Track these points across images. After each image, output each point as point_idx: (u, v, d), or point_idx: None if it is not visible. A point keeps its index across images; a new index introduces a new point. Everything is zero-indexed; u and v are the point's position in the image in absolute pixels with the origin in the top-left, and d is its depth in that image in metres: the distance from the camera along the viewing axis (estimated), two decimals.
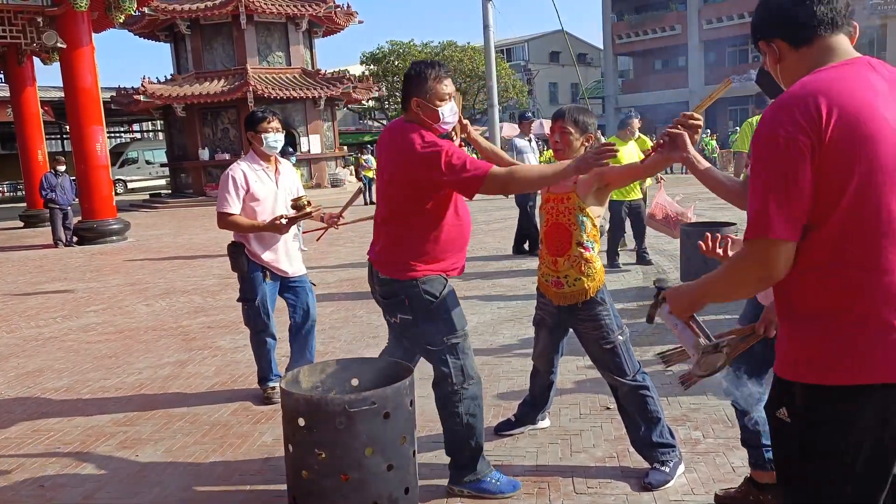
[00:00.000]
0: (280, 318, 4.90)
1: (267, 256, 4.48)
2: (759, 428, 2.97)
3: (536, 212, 3.86)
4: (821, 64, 1.71)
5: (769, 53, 1.82)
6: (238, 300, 4.66)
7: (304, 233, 4.43)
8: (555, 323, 3.59)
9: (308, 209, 4.31)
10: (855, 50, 1.75)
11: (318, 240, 4.42)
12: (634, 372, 3.39)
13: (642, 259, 8.93)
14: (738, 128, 31.68)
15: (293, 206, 4.32)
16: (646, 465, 3.42)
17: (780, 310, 1.78)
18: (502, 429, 3.94)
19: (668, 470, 3.32)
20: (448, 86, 3.07)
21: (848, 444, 1.64)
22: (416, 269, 3.12)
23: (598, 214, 3.38)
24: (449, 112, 3.08)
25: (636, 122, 8.99)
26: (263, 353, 4.67)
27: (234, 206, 4.37)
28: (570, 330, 3.62)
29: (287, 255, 4.55)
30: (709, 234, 2.47)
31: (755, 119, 7.34)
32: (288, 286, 4.61)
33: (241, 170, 4.42)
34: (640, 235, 8.95)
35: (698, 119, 2.51)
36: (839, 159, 1.57)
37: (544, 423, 4.02)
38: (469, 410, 3.21)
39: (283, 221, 4.31)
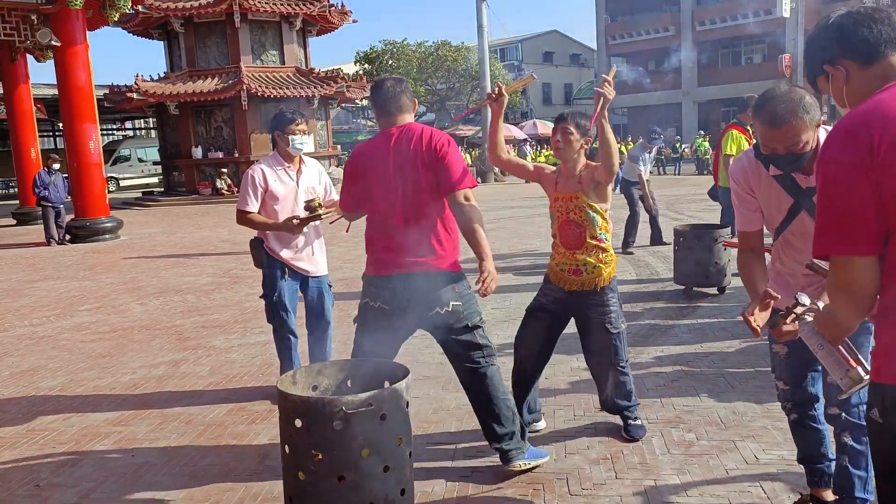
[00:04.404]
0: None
1: (285, 254, 4.51)
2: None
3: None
4: (885, 81, 1.80)
5: (835, 76, 1.89)
6: (261, 296, 4.70)
7: (331, 223, 4.46)
8: (560, 309, 3.77)
9: (319, 211, 4.33)
10: None
11: (346, 230, 4.45)
12: (624, 361, 3.79)
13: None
14: (702, 132, 31.84)
15: (306, 208, 4.34)
16: (636, 470, 3.47)
17: (872, 316, 1.84)
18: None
19: (640, 423, 3.88)
20: None
21: None
22: (458, 261, 3.45)
23: (605, 208, 3.66)
24: None
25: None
26: (283, 350, 4.68)
27: (252, 205, 4.45)
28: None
29: (309, 254, 4.57)
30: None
31: (734, 132, 7.98)
32: (307, 285, 4.63)
33: (261, 169, 4.48)
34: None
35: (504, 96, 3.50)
36: (893, 173, 1.65)
37: (540, 425, 4.05)
38: (499, 379, 3.48)
39: (296, 222, 4.33)
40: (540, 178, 3.83)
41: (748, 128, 7.86)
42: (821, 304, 2.18)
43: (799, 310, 2.14)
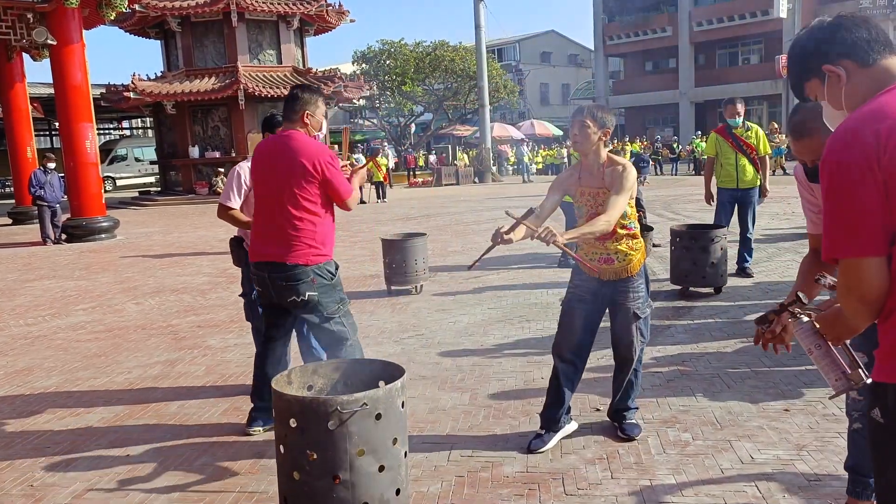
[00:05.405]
0: None
1: None
2: None
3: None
4: (882, 84, 1.80)
5: (834, 77, 1.87)
6: (239, 295, 4.69)
7: None
8: (597, 298, 3.79)
9: None
10: None
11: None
12: (646, 341, 3.89)
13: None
14: (699, 132, 32.05)
15: None
16: (632, 470, 3.46)
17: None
18: (536, 446, 3.78)
19: (636, 422, 3.92)
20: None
21: None
22: (323, 255, 3.83)
23: (632, 196, 3.71)
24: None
25: None
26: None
27: (234, 201, 4.46)
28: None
29: None
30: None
31: (713, 133, 8.23)
32: None
33: (248, 167, 4.47)
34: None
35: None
36: None
37: (572, 426, 3.97)
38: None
39: None
40: (565, 187, 3.81)
41: (737, 128, 7.81)
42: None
43: (798, 307, 2.10)
